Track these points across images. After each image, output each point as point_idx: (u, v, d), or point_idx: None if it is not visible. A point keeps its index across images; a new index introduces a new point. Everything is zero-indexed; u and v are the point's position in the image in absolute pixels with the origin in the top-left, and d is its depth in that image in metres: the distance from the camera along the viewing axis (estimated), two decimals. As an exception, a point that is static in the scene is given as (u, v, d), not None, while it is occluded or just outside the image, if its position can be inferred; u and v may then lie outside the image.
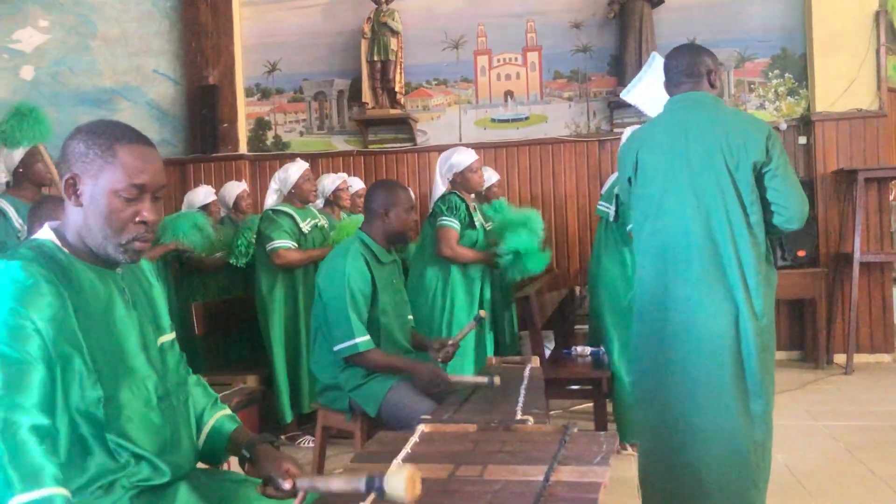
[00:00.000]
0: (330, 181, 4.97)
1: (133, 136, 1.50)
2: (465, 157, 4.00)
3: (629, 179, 2.66)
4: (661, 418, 2.54)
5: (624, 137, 3.97)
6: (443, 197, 3.96)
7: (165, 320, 1.67)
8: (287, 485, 1.49)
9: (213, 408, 1.76)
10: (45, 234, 1.51)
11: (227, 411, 1.78)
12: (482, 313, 3.28)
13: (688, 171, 2.47)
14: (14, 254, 1.43)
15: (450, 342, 3.12)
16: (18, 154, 3.67)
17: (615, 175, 3.94)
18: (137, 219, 1.48)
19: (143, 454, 1.48)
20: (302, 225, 4.31)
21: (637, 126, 3.99)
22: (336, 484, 1.38)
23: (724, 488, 2.44)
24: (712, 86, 2.60)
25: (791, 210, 2.46)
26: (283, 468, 1.55)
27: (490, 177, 5.22)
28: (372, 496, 1.31)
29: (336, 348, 2.89)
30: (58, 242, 1.49)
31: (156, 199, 1.52)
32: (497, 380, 2.60)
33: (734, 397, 2.45)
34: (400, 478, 1.24)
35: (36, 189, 3.68)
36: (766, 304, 2.48)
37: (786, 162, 2.47)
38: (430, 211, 4.05)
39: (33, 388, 1.32)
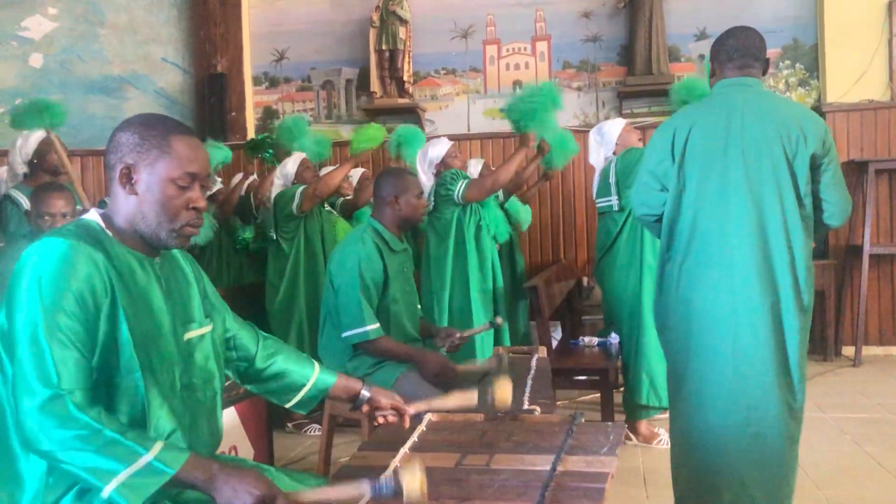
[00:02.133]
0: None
1: (183, 129, 1.60)
2: (440, 148, 4.16)
3: (672, 159, 2.49)
4: (689, 410, 2.48)
5: (615, 128, 3.99)
6: (438, 184, 4.01)
7: (198, 313, 1.69)
8: (410, 410, 1.83)
9: (311, 364, 1.90)
10: (91, 216, 1.57)
11: (320, 365, 1.93)
12: (499, 320, 3.31)
13: (741, 157, 2.37)
14: (60, 231, 1.48)
15: (458, 335, 3.12)
16: (32, 145, 3.70)
17: (606, 166, 3.93)
18: (191, 205, 1.57)
19: (160, 430, 1.50)
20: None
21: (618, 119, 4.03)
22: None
23: (763, 484, 2.40)
24: (764, 74, 2.55)
25: (838, 206, 2.44)
26: (399, 399, 1.86)
27: (476, 163, 5.21)
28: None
29: (345, 335, 2.90)
30: (102, 225, 1.55)
31: (203, 188, 1.61)
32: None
33: (775, 396, 2.38)
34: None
35: (51, 178, 3.70)
36: (811, 298, 2.43)
37: (837, 158, 2.44)
38: (433, 204, 4.05)
39: (83, 373, 1.39)
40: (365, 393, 1.86)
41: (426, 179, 4.12)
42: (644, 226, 2.73)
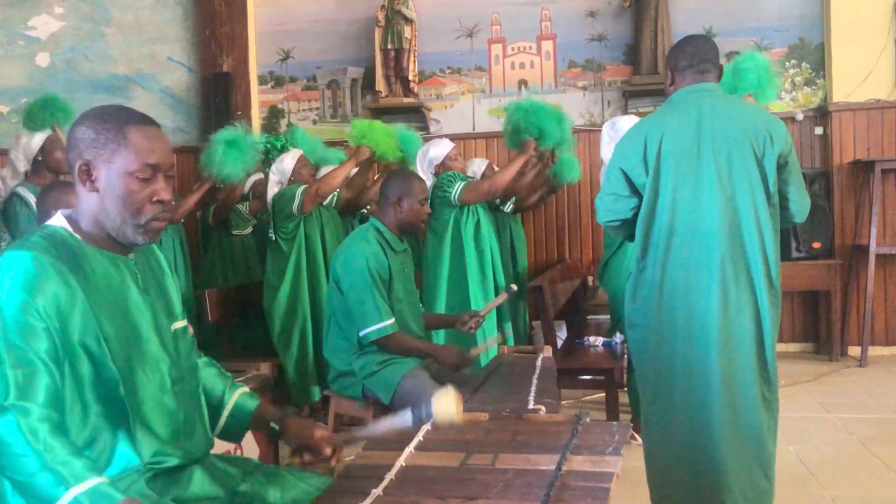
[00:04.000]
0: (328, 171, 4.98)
1: (140, 118, 1.52)
2: (441, 149, 4.14)
3: (645, 166, 2.54)
4: (675, 413, 2.50)
5: (628, 125, 3.92)
6: (436, 186, 4.01)
7: (178, 307, 1.67)
8: (328, 450, 1.57)
9: (232, 387, 1.78)
10: (57, 220, 1.52)
11: (246, 389, 1.80)
12: (513, 287, 3.38)
13: (713, 159, 2.44)
14: (25, 243, 1.43)
15: (480, 312, 3.20)
16: (37, 143, 3.70)
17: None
18: (155, 198, 1.50)
19: (159, 436, 1.49)
20: None
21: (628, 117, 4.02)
22: (382, 427, 1.43)
23: (745, 478, 2.43)
24: (717, 81, 2.61)
25: (800, 203, 2.56)
26: (318, 435, 1.62)
27: (480, 163, 5.20)
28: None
29: (362, 333, 2.90)
30: (70, 229, 1.50)
31: (168, 178, 1.54)
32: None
33: (756, 387, 2.44)
34: (449, 400, 1.35)
35: (54, 177, 3.71)
36: (780, 291, 2.51)
37: (797, 159, 2.55)
38: (432, 206, 4.05)
39: (41, 390, 1.33)
40: (273, 426, 1.72)
41: (425, 179, 4.11)
42: (610, 231, 2.76)
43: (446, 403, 1.34)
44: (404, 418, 1.39)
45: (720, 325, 2.42)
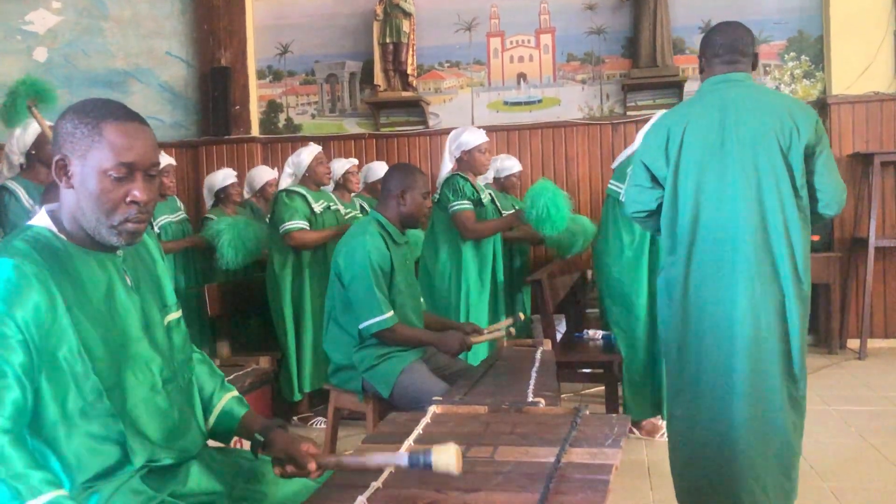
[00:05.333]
0: (340, 165, 4.97)
1: (121, 114, 1.45)
2: (474, 137, 4.05)
3: (666, 158, 2.50)
4: (700, 410, 2.48)
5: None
6: (447, 181, 4.00)
7: (171, 297, 1.64)
8: (312, 465, 1.50)
9: (222, 390, 1.75)
10: (41, 219, 1.48)
11: (235, 393, 1.77)
12: (521, 316, 3.43)
13: (738, 152, 2.39)
14: (7, 247, 1.38)
15: (484, 332, 3.17)
16: (31, 136, 3.68)
17: (629, 151, 3.88)
18: (129, 199, 1.43)
19: (152, 439, 1.47)
20: (314, 206, 4.32)
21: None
22: (375, 461, 1.42)
23: (766, 478, 2.42)
24: (753, 69, 2.56)
25: (833, 195, 2.46)
26: (304, 449, 1.54)
27: (512, 165, 5.21)
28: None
29: (362, 325, 2.91)
30: (54, 229, 1.46)
31: (149, 178, 1.47)
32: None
33: (782, 387, 2.42)
34: (450, 452, 1.34)
35: (48, 171, 3.69)
36: (809, 288, 2.46)
37: (829, 146, 2.46)
38: (437, 199, 4.06)
39: (7, 403, 1.29)
40: (258, 437, 1.63)
41: (448, 159, 4.11)
42: (638, 223, 2.74)
43: (447, 457, 1.34)
44: (400, 459, 1.38)
45: (746, 323, 2.39)
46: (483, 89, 6.53)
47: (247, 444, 1.70)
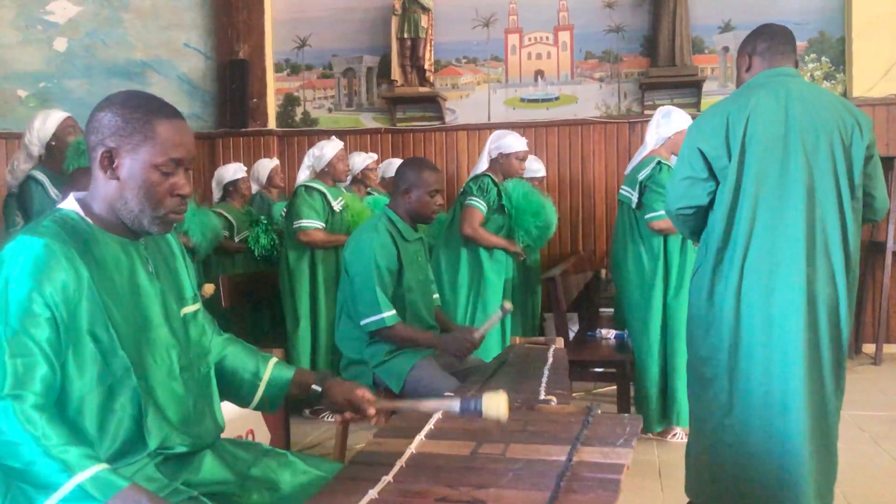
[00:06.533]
0: (360, 159, 4.98)
1: (169, 111, 1.52)
2: (516, 143, 4.13)
3: (727, 149, 2.35)
4: (751, 416, 2.38)
5: (679, 124, 3.74)
6: (476, 177, 4.03)
7: (189, 290, 1.67)
8: (371, 410, 1.70)
9: (265, 359, 1.81)
10: (69, 204, 1.51)
11: (276, 359, 1.83)
12: (507, 305, 3.14)
13: (801, 145, 2.29)
14: (37, 228, 1.43)
15: (476, 334, 3.01)
16: (51, 126, 3.71)
17: (638, 159, 3.86)
18: (175, 192, 1.51)
19: (169, 421, 1.49)
20: (334, 203, 4.33)
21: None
22: (428, 406, 1.51)
23: (819, 474, 2.40)
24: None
25: (884, 202, 2.44)
26: (360, 395, 1.72)
27: (538, 169, 5.23)
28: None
29: (363, 322, 2.91)
30: (82, 213, 1.50)
31: (187, 171, 1.55)
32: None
33: (835, 380, 2.39)
34: (500, 399, 1.46)
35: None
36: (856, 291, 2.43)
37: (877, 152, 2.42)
38: (462, 189, 4.09)
39: (37, 380, 1.33)
40: (316, 388, 1.77)
41: (485, 157, 4.15)
42: (677, 223, 2.56)
43: (497, 403, 1.46)
44: (452, 405, 1.48)
45: (804, 325, 2.31)
46: (500, 86, 6.52)
47: (258, 437, 1.73)
